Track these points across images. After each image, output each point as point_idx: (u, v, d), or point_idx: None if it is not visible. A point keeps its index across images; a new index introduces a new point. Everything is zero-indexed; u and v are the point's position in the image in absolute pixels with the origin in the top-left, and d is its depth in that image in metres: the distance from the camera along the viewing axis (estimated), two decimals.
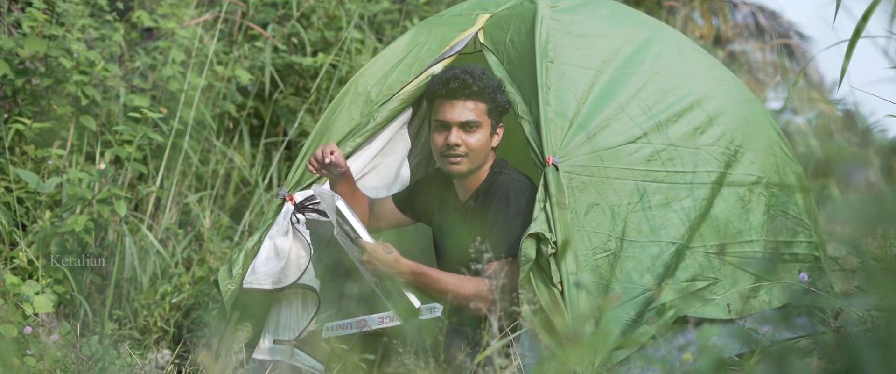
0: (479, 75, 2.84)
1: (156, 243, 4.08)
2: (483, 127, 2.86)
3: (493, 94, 2.85)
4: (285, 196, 3.10)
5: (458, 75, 2.84)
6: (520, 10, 3.07)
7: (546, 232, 2.57)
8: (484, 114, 2.86)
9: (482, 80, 2.83)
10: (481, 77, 2.84)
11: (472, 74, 2.83)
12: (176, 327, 3.82)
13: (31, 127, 3.94)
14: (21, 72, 4.02)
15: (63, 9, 4.05)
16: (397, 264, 2.70)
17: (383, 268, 2.70)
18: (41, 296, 3.32)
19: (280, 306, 3.10)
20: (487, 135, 2.87)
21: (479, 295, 2.65)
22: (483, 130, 2.86)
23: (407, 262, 2.71)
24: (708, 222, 2.87)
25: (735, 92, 3.26)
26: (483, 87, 2.83)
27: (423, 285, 2.71)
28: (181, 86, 4.43)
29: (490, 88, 2.84)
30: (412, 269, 2.71)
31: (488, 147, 2.89)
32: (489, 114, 2.87)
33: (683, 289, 2.75)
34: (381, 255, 2.70)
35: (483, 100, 2.85)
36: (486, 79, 2.85)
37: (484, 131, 2.86)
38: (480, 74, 2.85)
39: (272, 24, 5.00)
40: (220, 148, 4.72)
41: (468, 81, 2.82)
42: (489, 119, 2.87)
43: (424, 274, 2.72)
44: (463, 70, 2.85)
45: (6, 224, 3.68)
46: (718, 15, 9.62)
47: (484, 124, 2.86)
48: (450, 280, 2.70)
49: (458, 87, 2.83)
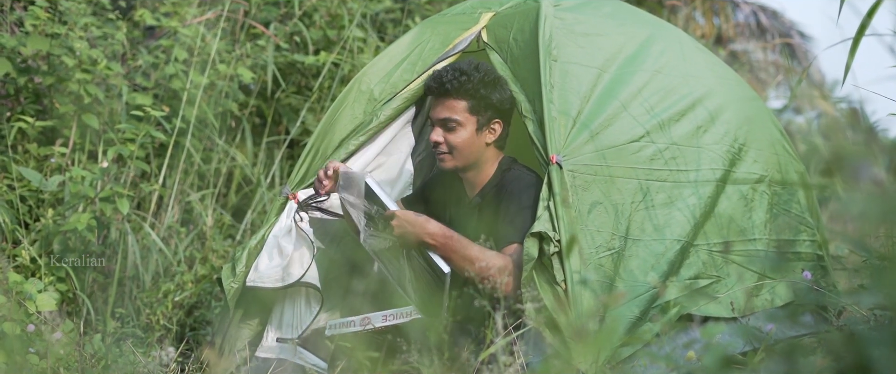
0: (461, 73, 2.83)
1: (158, 242, 4.08)
2: (465, 125, 2.85)
3: (476, 91, 2.83)
4: (288, 194, 3.10)
5: (439, 74, 2.86)
6: (523, 9, 3.07)
7: (549, 231, 2.57)
8: (464, 111, 2.85)
9: (462, 78, 2.83)
10: (462, 75, 2.83)
11: (453, 72, 2.84)
12: (179, 325, 3.82)
13: (34, 125, 3.94)
14: (23, 70, 4.02)
15: (65, 7, 4.05)
16: (427, 224, 2.70)
17: (413, 229, 2.70)
18: (44, 294, 3.33)
19: (283, 305, 3.10)
20: (472, 133, 2.86)
21: (505, 270, 2.64)
22: (465, 127, 2.86)
23: (436, 223, 2.72)
24: (711, 221, 2.87)
25: (737, 90, 3.26)
26: (460, 85, 2.82)
27: (451, 249, 2.68)
28: (184, 84, 4.43)
29: (471, 85, 2.82)
30: (443, 230, 2.70)
31: (477, 144, 2.88)
32: (472, 111, 2.85)
33: (687, 287, 2.75)
34: (411, 217, 2.71)
35: (462, 98, 2.84)
36: (471, 76, 2.83)
37: (467, 129, 2.86)
38: (464, 71, 2.84)
39: (274, 23, 5.00)
40: (222, 147, 4.73)
41: (444, 79, 2.84)
42: (473, 116, 2.85)
43: (454, 237, 2.70)
44: (449, 68, 2.87)
45: (9, 222, 3.68)
46: (720, 14, 9.62)
47: (466, 122, 2.85)
48: (477, 250, 2.68)
49: (436, 85, 2.87)
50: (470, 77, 2.83)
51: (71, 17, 4.07)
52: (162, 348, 3.38)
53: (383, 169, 3.16)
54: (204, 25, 4.68)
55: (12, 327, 3.12)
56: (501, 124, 2.91)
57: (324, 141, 3.15)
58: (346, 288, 3.15)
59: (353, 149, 3.08)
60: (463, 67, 2.85)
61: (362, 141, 3.09)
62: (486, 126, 2.88)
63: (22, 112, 4.02)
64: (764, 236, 2.98)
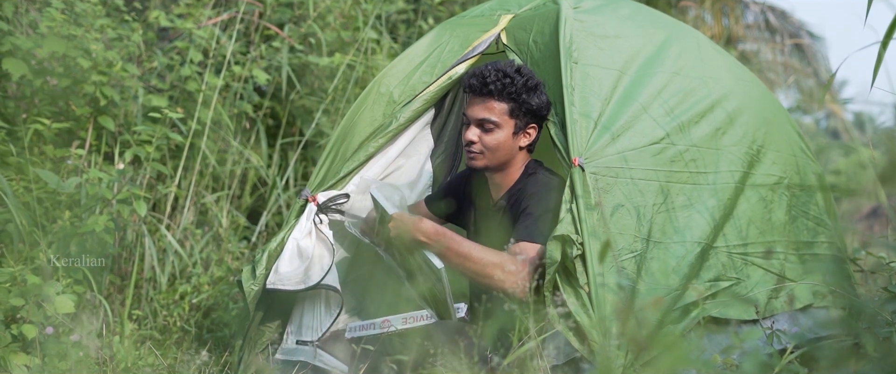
0: (505, 75, 2.79)
1: (174, 243, 4.09)
2: (502, 127, 2.82)
3: (518, 95, 2.79)
4: (308, 197, 3.10)
5: (481, 73, 2.81)
6: (542, 11, 3.07)
7: (572, 233, 2.56)
8: (505, 114, 2.81)
9: (506, 80, 2.78)
10: (505, 77, 2.78)
11: (497, 73, 2.79)
12: (196, 327, 3.82)
13: (50, 127, 3.94)
14: (39, 72, 4.02)
15: (82, 9, 4.05)
16: (420, 222, 2.69)
17: (406, 229, 2.69)
18: (62, 296, 3.33)
19: (303, 307, 3.10)
20: (508, 135, 2.83)
21: (502, 266, 2.59)
22: (502, 130, 2.82)
23: (429, 222, 2.70)
24: (731, 222, 2.87)
25: (754, 91, 3.26)
26: (503, 87, 2.78)
27: (444, 247, 2.67)
28: (199, 86, 4.43)
29: (514, 88, 2.78)
30: (435, 229, 2.69)
31: (511, 147, 2.85)
32: (512, 114, 2.81)
33: (708, 289, 2.75)
34: (405, 218, 2.70)
35: (504, 100, 2.80)
36: (515, 79, 2.79)
37: (504, 132, 2.82)
38: (508, 73, 2.79)
39: (289, 24, 5.01)
40: (236, 148, 4.73)
41: (488, 79, 2.79)
42: (512, 119, 2.82)
43: (447, 235, 2.69)
44: (491, 67, 2.81)
45: (26, 224, 3.68)
46: (729, 15, 9.60)
47: (504, 125, 2.82)
48: (473, 247, 2.66)
49: (478, 84, 2.81)
50: (513, 80, 2.79)
51: (86, 18, 4.08)
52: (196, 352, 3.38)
53: (403, 171, 3.16)
54: (219, 27, 4.69)
55: (30, 329, 3.13)
56: (536, 129, 2.88)
57: (343, 143, 3.16)
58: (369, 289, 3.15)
59: (373, 151, 3.09)
60: (506, 70, 2.80)
61: (382, 143, 3.09)
62: (522, 130, 2.85)
63: (38, 114, 4.02)
64: (783, 238, 2.98)
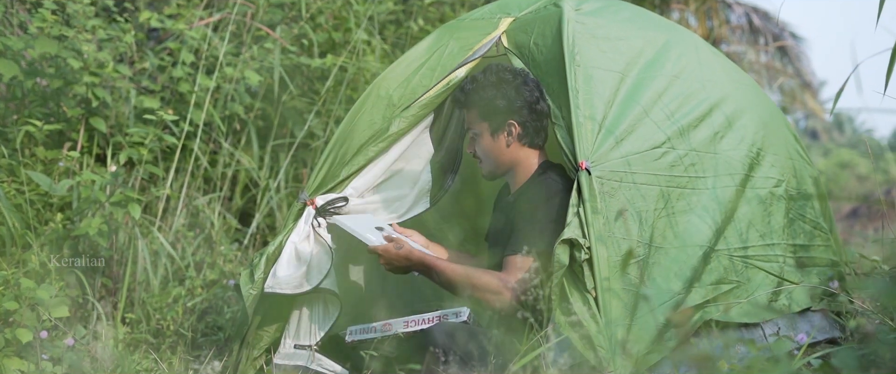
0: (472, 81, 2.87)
1: (167, 246, 4.05)
2: (482, 133, 2.89)
3: (480, 96, 2.85)
4: (306, 200, 3.08)
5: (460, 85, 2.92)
6: (544, 14, 3.06)
7: (579, 237, 2.55)
8: (477, 119, 2.89)
9: (470, 86, 2.86)
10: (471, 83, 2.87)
11: (468, 82, 2.88)
12: (190, 330, 3.79)
13: (42, 129, 3.90)
14: (29, 73, 3.98)
15: (73, 10, 4.01)
16: (410, 254, 2.78)
17: (398, 263, 2.78)
18: (56, 300, 3.29)
19: (301, 311, 3.08)
20: (488, 139, 2.89)
21: (487, 288, 2.67)
22: (483, 136, 2.89)
23: (418, 253, 2.78)
24: (731, 226, 2.87)
25: (751, 95, 3.26)
26: (466, 96, 2.87)
27: (434, 274, 2.77)
28: (191, 87, 4.40)
29: (475, 92, 2.85)
30: (422, 258, 2.78)
31: (498, 149, 2.89)
32: (482, 117, 2.88)
33: (710, 292, 2.75)
34: (393, 253, 2.77)
35: (472, 107, 2.88)
36: (477, 82, 2.86)
37: (484, 136, 2.89)
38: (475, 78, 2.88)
39: (281, 26, 4.98)
40: (227, 150, 4.70)
41: (462, 89, 2.89)
42: (484, 122, 2.88)
43: (433, 267, 2.77)
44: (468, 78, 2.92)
45: (18, 227, 3.64)
46: (713, 16, 9.65)
47: (481, 130, 2.89)
48: (459, 272, 2.74)
49: (458, 97, 2.92)
50: (477, 83, 2.87)
51: (78, 19, 4.04)
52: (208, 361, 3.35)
53: (401, 176, 3.14)
54: (210, 28, 4.65)
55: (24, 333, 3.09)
56: (518, 123, 2.87)
57: (342, 147, 3.13)
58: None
59: (373, 155, 3.07)
60: (476, 74, 2.89)
61: (382, 147, 3.07)
62: (500, 129, 2.87)
63: (29, 115, 3.98)
64: (782, 242, 2.98)
